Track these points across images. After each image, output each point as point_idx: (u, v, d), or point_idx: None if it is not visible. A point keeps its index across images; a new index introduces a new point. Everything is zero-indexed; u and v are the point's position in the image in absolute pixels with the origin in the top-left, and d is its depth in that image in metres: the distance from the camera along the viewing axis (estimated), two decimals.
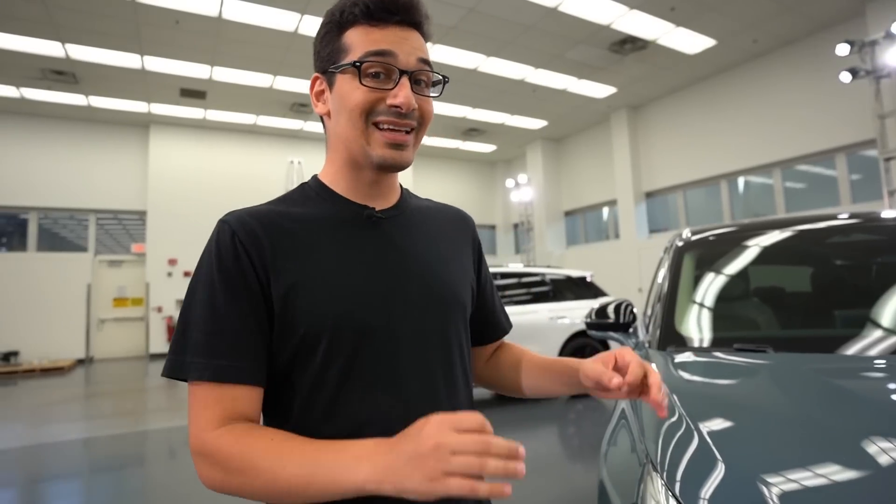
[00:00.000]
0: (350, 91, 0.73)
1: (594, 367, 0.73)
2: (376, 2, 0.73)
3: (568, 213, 13.98)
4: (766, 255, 1.98)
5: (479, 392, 6.54)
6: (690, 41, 8.58)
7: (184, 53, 8.34)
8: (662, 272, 2.00)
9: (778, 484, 0.80)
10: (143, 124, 11.50)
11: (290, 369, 0.70)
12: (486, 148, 14.43)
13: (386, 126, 0.73)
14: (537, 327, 5.98)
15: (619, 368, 0.72)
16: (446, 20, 7.58)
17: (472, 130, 12.82)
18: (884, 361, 1.37)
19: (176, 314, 11.24)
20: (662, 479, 0.89)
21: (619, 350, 0.75)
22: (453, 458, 0.49)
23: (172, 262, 11.47)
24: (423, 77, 0.76)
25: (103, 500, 3.47)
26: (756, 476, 0.82)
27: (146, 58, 8.41)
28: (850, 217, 2.08)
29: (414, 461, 0.51)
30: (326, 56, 0.77)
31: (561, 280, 6.55)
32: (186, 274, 11.44)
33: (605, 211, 12.97)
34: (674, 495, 0.84)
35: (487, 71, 9.36)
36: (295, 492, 0.58)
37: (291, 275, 0.70)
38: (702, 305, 1.83)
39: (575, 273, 6.79)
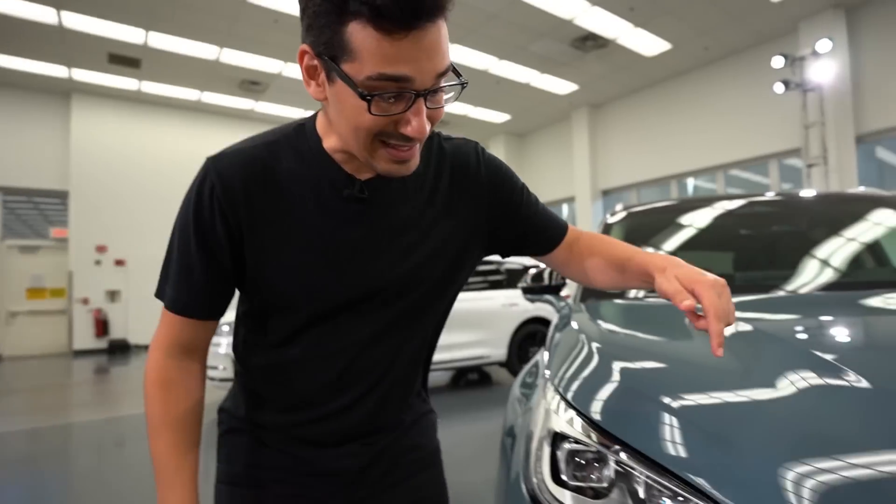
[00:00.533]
0: (356, 111, 0.64)
1: (669, 286, 0.72)
2: (393, 5, 0.57)
3: None
4: (689, 222, 2.18)
5: (434, 377, 6.67)
6: (648, 43, 8.91)
7: (113, 13, 7.58)
8: None
9: (669, 400, 0.85)
10: (63, 92, 10.19)
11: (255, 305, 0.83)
12: None
13: (394, 145, 0.68)
14: (492, 313, 6.17)
15: (693, 292, 0.69)
16: None
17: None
18: (781, 294, 1.54)
19: (106, 306, 10.44)
20: (555, 385, 1.02)
21: (700, 280, 0.70)
22: None
23: (101, 249, 10.39)
24: (439, 90, 0.67)
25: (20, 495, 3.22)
26: (648, 389, 0.93)
27: (64, 13, 7.57)
28: (770, 196, 2.30)
29: None
30: (325, 41, 0.63)
31: (517, 270, 6.74)
32: (118, 262, 10.54)
33: (565, 207, 13.29)
34: (563, 398, 0.96)
35: (452, 58, 9.38)
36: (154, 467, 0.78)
37: (263, 242, 0.76)
38: None
39: (529, 262, 6.99)
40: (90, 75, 9.67)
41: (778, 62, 7.67)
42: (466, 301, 6.08)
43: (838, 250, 1.93)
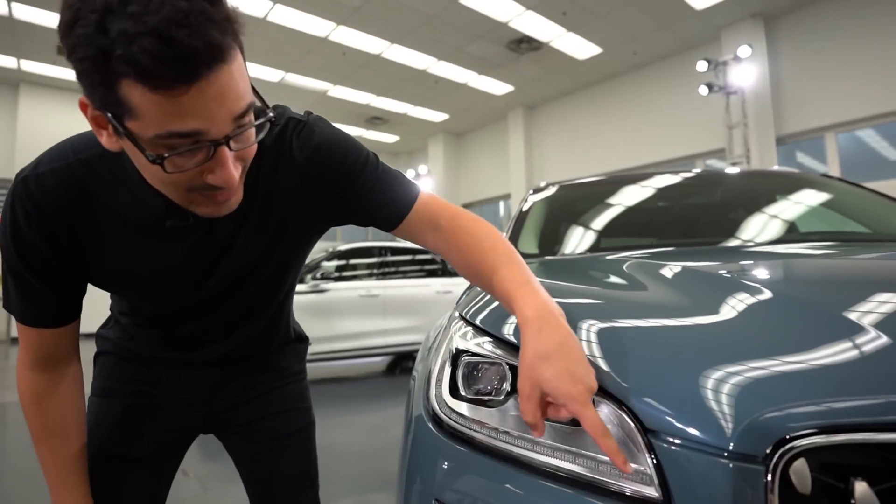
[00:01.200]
0: (153, 171, 0.59)
1: (525, 389, 0.62)
2: (158, 68, 0.50)
3: (466, 206, 14.29)
4: (605, 194, 2.23)
5: (370, 363, 6.60)
6: (580, 47, 9.20)
7: (58, 4, 7.49)
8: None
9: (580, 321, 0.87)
10: (11, 83, 10.21)
11: None
12: (390, 138, 14.45)
13: (208, 194, 0.63)
14: (427, 300, 6.18)
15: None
16: (351, 1, 7.54)
17: (376, 119, 12.79)
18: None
19: None
20: (461, 314, 1.00)
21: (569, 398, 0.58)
22: None
23: None
24: (241, 128, 0.60)
25: None
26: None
27: (14, 4, 7.47)
28: (690, 172, 2.39)
29: None
30: (99, 96, 0.54)
31: None
32: None
33: (501, 205, 13.51)
34: (468, 322, 0.95)
35: (391, 58, 9.41)
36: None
37: (90, 257, 0.75)
38: (540, 232, 2.02)
39: None
40: (39, 66, 9.64)
41: (702, 66, 8.15)
42: (402, 288, 6.07)
43: (751, 216, 2.03)
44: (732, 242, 1.72)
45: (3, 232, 0.72)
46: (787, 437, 0.49)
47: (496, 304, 1.02)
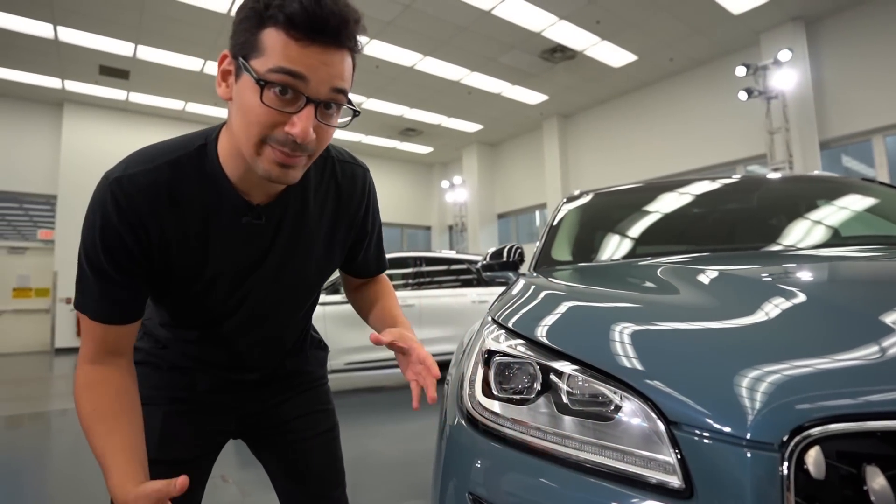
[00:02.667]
0: (251, 101, 0.69)
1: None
2: (303, 15, 0.65)
3: (501, 216, 14.38)
4: (640, 201, 2.24)
5: (349, 381, 6.63)
6: (614, 55, 9.14)
7: (105, 27, 7.89)
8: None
9: (607, 321, 0.88)
10: (55, 102, 10.67)
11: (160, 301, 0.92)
12: (423, 150, 14.62)
13: (278, 148, 0.71)
14: (462, 310, 6.22)
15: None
16: (383, 15, 7.72)
17: (410, 131, 12.98)
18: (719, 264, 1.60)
19: None
20: (493, 318, 1.05)
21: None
22: None
23: None
24: (332, 105, 0.73)
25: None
26: (587, 315, 0.96)
27: (60, 28, 7.85)
28: (729, 177, 2.36)
29: None
30: (241, 43, 0.70)
31: None
32: None
33: (538, 214, 13.46)
34: (500, 325, 0.99)
35: (424, 70, 9.56)
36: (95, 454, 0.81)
37: (168, 257, 0.82)
38: (574, 240, 2.05)
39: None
40: (82, 86, 10.04)
41: (741, 71, 7.97)
42: (437, 298, 6.12)
43: (791, 221, 2.00)
44: (764, 248, 1.71)
45: (91, 231, 0.77)
46: (803, 425, 0.51)
47: (527, 308, 1.07)
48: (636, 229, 2.13)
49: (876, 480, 0.48)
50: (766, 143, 8.29)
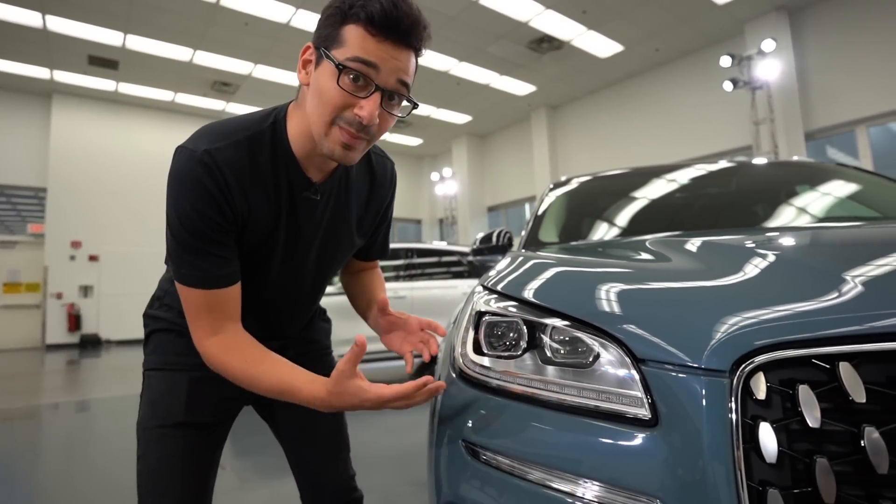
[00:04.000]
0: (328, 84, 0.81)
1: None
2: (382, 15, 0.77)
3: (491, 209, 14.47)
4: (623, 187, 2.33)
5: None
6: (601, 45, 9.24)
7: (94, 16, 7.84)
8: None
9: (592, 282, 0.97)
10: (44, 93, 10.58)
11: None
12: (413, 141, 14.65)
13: (345, 128, 0.82)
14: (454, 301, 6.27)
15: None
16: None
17: (399, 122, 12.97)
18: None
19: (79, 302, 10.60)
20: (483, 284, 1.12)
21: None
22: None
23: (76, 244, 10.63)
24: (395, 96, 0.84)
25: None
26: (574, 278, 1.04)
27: (49, 17, 7.79)
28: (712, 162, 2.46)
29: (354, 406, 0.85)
30: (324, 36, 0.82)
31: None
32: (92, 258, 10.79)
33: (527, 207, 13.55)
34: (490, 289, 1.07)
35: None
36: (274, 395, 0.90)
37: (247, 223, 0.91)
38: (560, 224, 2.13)
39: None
40: (71, 77, 9.94)
41: (726, 61, 8.09)
42: (428, 289, 6.19)
43: (769, 203, 2.09)
44: (740, 227, 1.80)
45: (186, 202, 0.83)
46: (747, 353, 0.60)
47: (514, 275, 1.14)
48: (619, 213, 2.22)
49: (806, 396, 0.57)
50: (752, 133, 8.44)
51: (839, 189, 2.09)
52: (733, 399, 0.59)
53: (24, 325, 10.57)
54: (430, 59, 9.50)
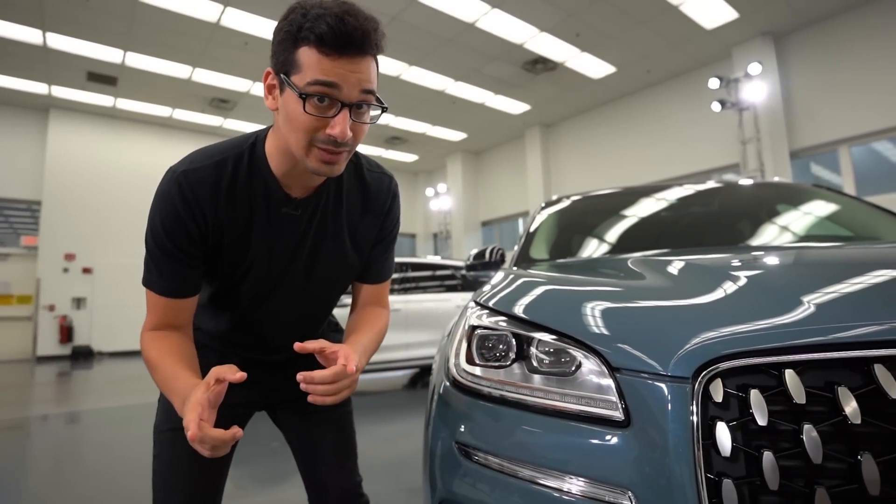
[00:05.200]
0: (296, 111, 0.82)
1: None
2: (331, 34, 0.77)
3: (485, 223, 14.61)
4: (609, 204, 2.43)
5: (392, 378, 6.75)
6: (594, 66, 9.45)
7: (94, 34, 7.95)
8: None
9: (579, 298, 1.08)
10: (41, 108, 10.65)
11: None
12: (409, 157, 14.80)
13: (323, 147, 0.85)
14: (447, 314, 6.35)
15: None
16: None
17: (395, 139, 13.16)
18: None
19: (71, 314, 10.59)
20: (476, 301, 1.21)
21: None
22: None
23: (70, 257, 10.64)
24: (363, 104, 0.85)
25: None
26: (561, 295, 1.13)
27: (49, 34, 7.91)
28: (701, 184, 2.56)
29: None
30: (282, 62, 0.83)
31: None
32: (85, 270, 10.80)
33: (520, 222, 13.69)
34: (482, 305, 1.15)
35: (410, 79, 9.76)
36: (161, 389, 0.94)
37: (222, 241, 0.96)
38: (551, 242, 2.22)
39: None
40: (69, 92, 10.01)
41: (714, 83, 8.35)
42: (422, 302, 6.26)
43: (750, 223, 2.20)
44: (721, 246, 1.89)
45: (159, 217, 0.91)
46: (707, 362, 0.69)
47: (505, 292, 1.23)
48: (607, 231, 2.32)
49: (756, 400, 0.65)
50: (739, 152, 8.64)
51: (815, 209, 2.20)
52: (695, 402, 0.67)
53: (15, 337, 10.48)
54: (427, 78, 9.68)
